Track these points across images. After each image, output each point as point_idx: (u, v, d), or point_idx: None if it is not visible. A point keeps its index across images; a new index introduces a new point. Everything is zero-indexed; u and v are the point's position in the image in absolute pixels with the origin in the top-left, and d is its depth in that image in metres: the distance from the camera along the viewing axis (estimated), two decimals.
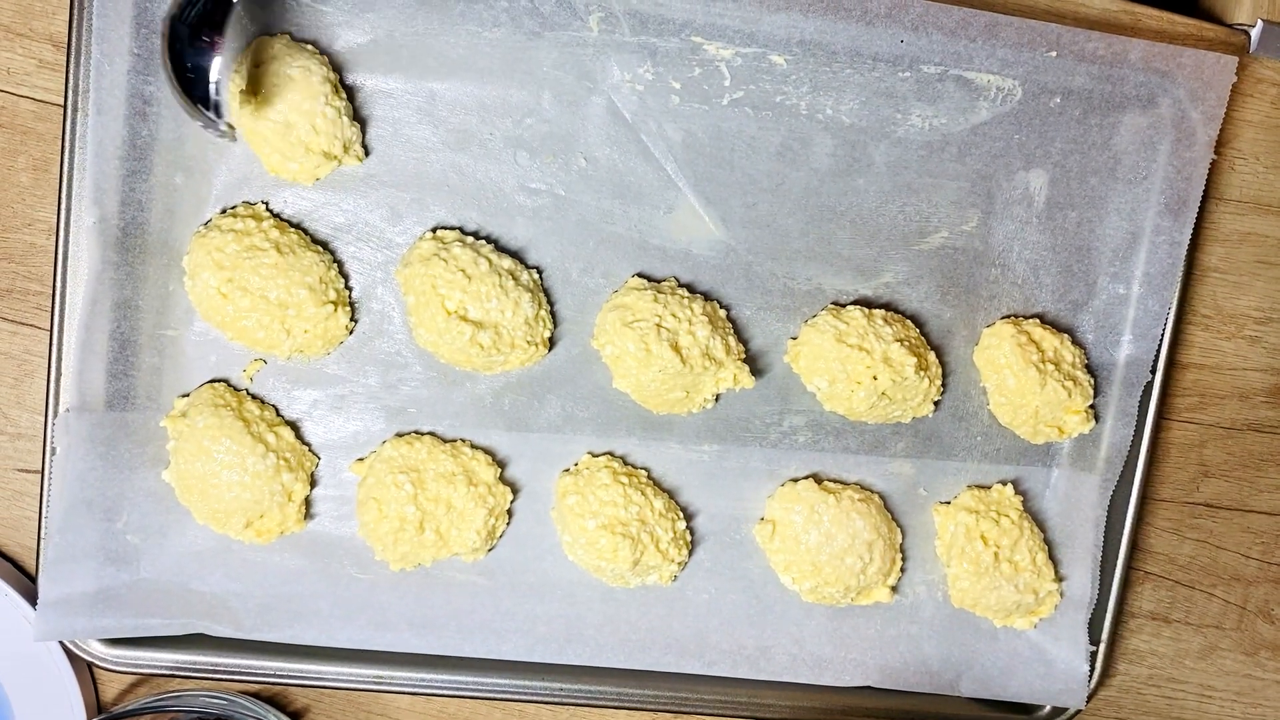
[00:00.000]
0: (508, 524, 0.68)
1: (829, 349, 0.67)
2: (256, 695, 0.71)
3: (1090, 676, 0.74)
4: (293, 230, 0.64)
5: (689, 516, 0.70)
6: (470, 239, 0.65)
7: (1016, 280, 0.71)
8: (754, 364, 0.69)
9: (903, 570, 0.72)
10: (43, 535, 0.64)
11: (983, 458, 0.72)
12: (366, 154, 0.64)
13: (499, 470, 0.67)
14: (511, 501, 0.68)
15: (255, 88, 0.60)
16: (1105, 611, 0.74)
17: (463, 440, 0.67)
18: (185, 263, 0.63)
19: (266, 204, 0.64)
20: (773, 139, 0.67)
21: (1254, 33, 0.71)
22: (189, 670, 0.67)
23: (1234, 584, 0.78)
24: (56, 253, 0.62)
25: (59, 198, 0.62)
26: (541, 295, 0.66)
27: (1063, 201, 0.70)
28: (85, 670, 0.68)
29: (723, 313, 0.68)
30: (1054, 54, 0.67)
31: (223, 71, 0.55)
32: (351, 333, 0.65)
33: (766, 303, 0.69)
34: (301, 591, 0.67)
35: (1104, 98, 0.69)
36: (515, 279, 0.64)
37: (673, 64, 0.65)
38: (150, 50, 0.61)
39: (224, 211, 0.64)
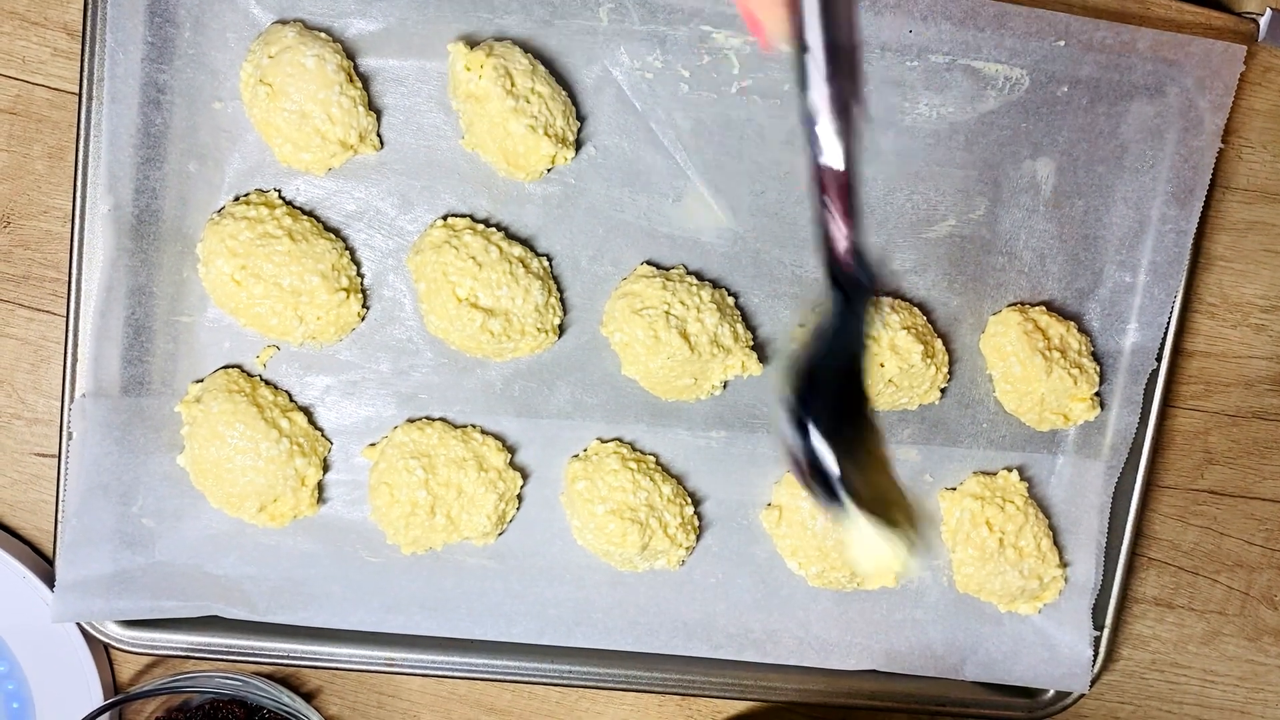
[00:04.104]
0: (518, 509, 0.69)
1: None
2: (270, 676, 0.72)
3: (1094, 661, 0.74)
4: (305, 218, 0.64)
5: (697, 502, 0.70)
6: (481, 227, 0.65)
7: (1023, 268, 0.71)
8: (762, 351, 0.70)
9: None
10: (60, 519, 0.65)
11: (988, 444, 0.73)
12: (382, 144, 0.65)
13: (509, 456, 0.68)
14: (521, 487, 0.68)
15: (269, 77, 0.61)
16: (1109, 597, 0.75)
17: (473, 426, 0.68)
18: (199, 250, 0.64)
19: (279, 192, 0.65)
20: (781, 127, 0.67)
21: (1262, 21, 0.71)
22: (204, 652, 0.68)
23: (1237, 570, 0.79)
24: (72, 240, 0.63)
25: (74, 185, 0.63)
26: (551, 283, 0.66)
27: (1070, 190, 0.70)
28: (102, 651, 0.69)
29: (731, 300, 0.68)
30: (1062, 43, 0.67)
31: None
32: (363, 320, 0.66)
33: (774, 290, 0.69)
34: (314, 574, 0.67)
35: (1111, 86, 0.69)
36: (525, 266, 0.65)
37: (682, 52, 0.66)
38: (163, 39, 0.62)
39: (237, 199, 0.64)
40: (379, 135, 0.64)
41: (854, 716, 0.76)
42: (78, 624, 0.67)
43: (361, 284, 0.66)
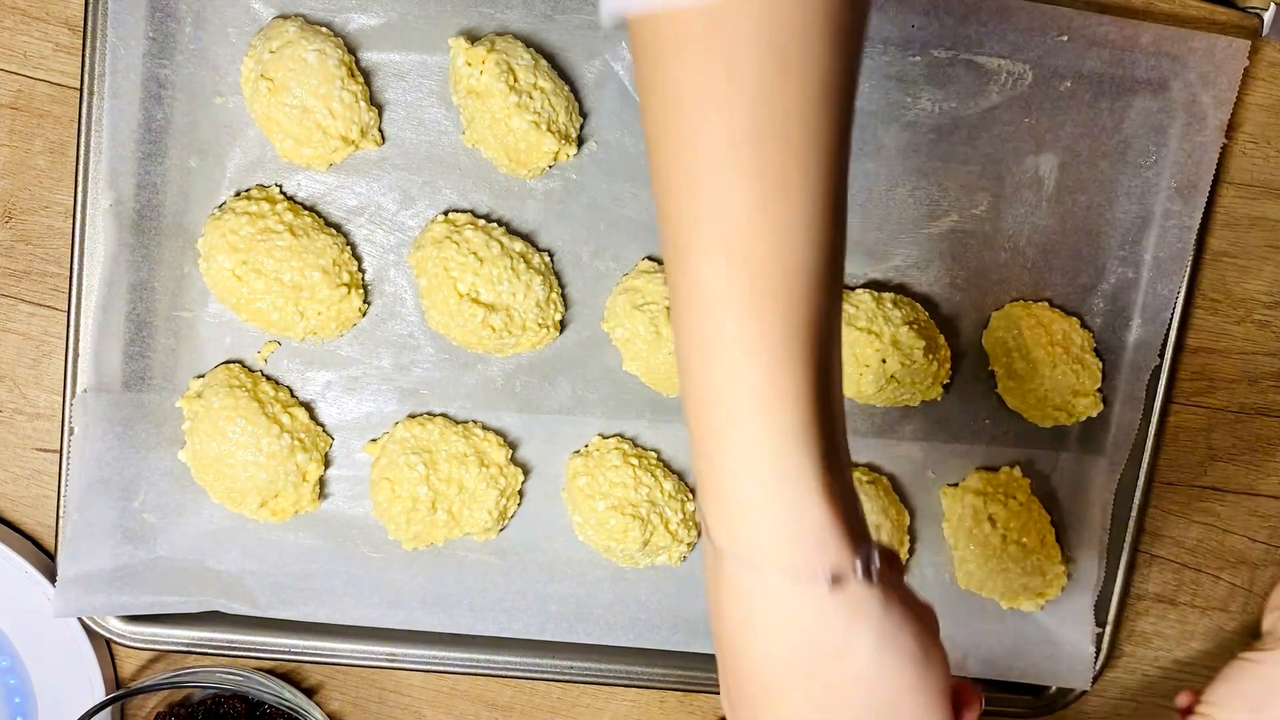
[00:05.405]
0: (519, 505, 0.69)
1: None
2: (271, 672, 0.72)
3: (1096, 658, 0.74)
4: (306, 213, 0.64)
5: None
6: (482, 222, 0.65)
7: (1026, 264, 0.71)
8: None
9: (910, 552, 0.72)
10: (61, 514, 0.65)
11: (991, 440, 0.73)
12: (383, 139, 0.64)
13: (510, 451, 0.68)
14: (523, 482, 0.68)
15: (271, 72, 0.61)
16: (1112, 594, 0.75)
17: (474, 422, 0.68)
18: (200, 245, 0.64)
19: (280, 187, 0.65)
20: None
21: (1266, 16, 0.70)
22: (205, 647, 0.68)
23: (1240, 567, 0.78)
24: (73, 235, 0.63)
25: (75, 180, 0.63)
26: (552, 278, 0.66)
27: (1072, 185, 0.70)
28: (104, 646, 0.69)
29: None
30: (1065, 38, 0.67)
31: None
32: (364, 315, 0.66)
33: None
34: (315, 570, 0.67)
35: (1115, 82, 0.69)
36: (526, 262, 0.65)
37: None
38: (164, 34, 0.62)
39: (238, 194, 0.64)
40: (380, 130, 0.64)
41: None
42: (80, 619, 0.67)
43: (363, 279, 0.66)
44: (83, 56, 0.62)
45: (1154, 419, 0.73)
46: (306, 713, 0.68)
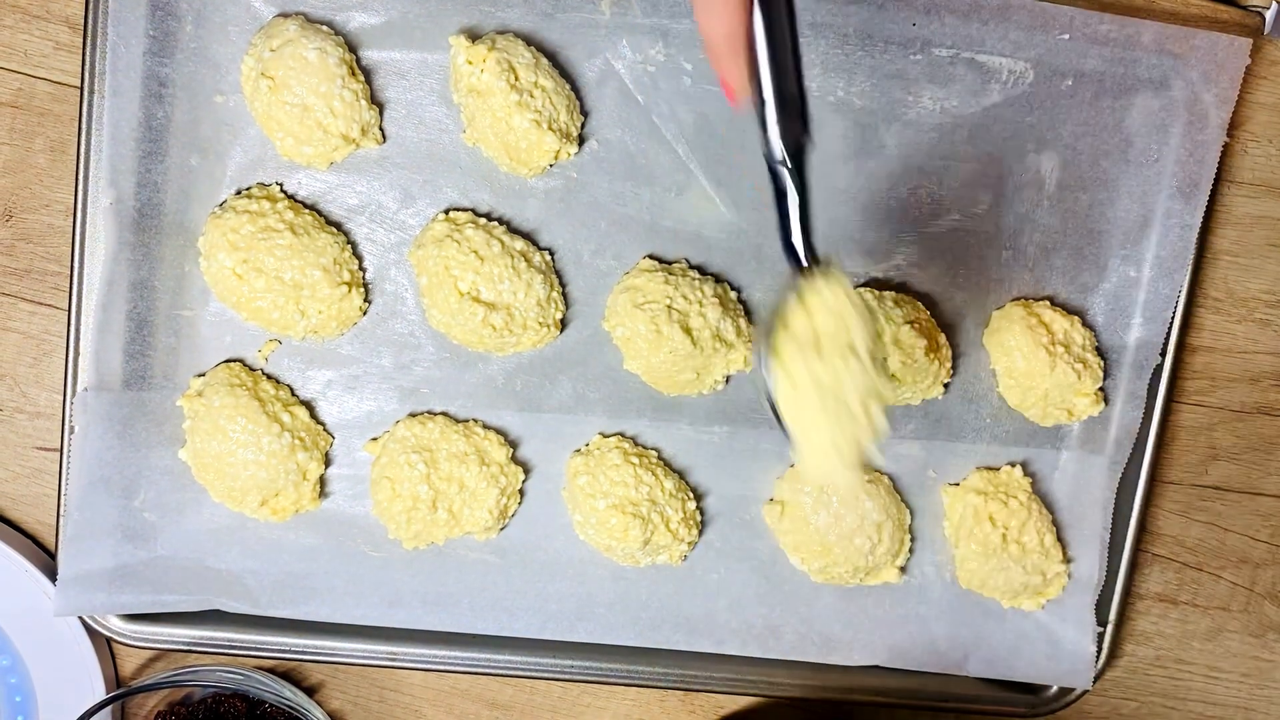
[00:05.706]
0: (519, 503, 0.68)
1: None
2: (272, 671, 0.72)
3: (1097, 657, 0.74)
4: (307, 212, 0.64)
5: (699, 497, 0.70)
6: (483, 221, 0.65)
7: (1027, 262, 0.71)
8: None
9: (911, 551, 0.72)
10: (62, 512, 0.65)
11: (992, 440, 0.72)
12: (384, 137, 0.64)
13: (511, 450, 0.68)
14: (523, 481, 0.68)
15: (271, 70, 0.61)
16: (1113, 593, 0.74)
17: (475, 420, 0.68)
18: (201, 243, 0.64)
19: (281, 185, 0.65)
20: None
21: (1268, 15, 0.70)
22: (206, 646, 0.68)
23: (1242, 566, 0.78)
24: (74, 234, 0.63)
25: (76, 179, 0.63)
26: (553, 277, 0.66)
27: (1074, 184, 0.70)
28: (104, 645, 0.69)
29: (734, 295, 0.68)
30: (1066, 36, 0.67)
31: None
32: (365, 314, 0.66)
33: (777, 285, 0.69)
34: (316, 569, 0.67)
35: (1116, 80, 0.69)
36: (527, 261, 0.65)
37: (685, 46, 0.65)
38: (165, 33, 0.62)
39: (239, 193, 0.64)
40: (381, 129, 0.64)
41: (856, 712, 0.76)
42: (80, 618, 0.67)
43: (363, 278, 0.66)
44: (83, 55, 0.62)
45: (1155, 418, 0.73)
46: (307, 712, 0.68)
